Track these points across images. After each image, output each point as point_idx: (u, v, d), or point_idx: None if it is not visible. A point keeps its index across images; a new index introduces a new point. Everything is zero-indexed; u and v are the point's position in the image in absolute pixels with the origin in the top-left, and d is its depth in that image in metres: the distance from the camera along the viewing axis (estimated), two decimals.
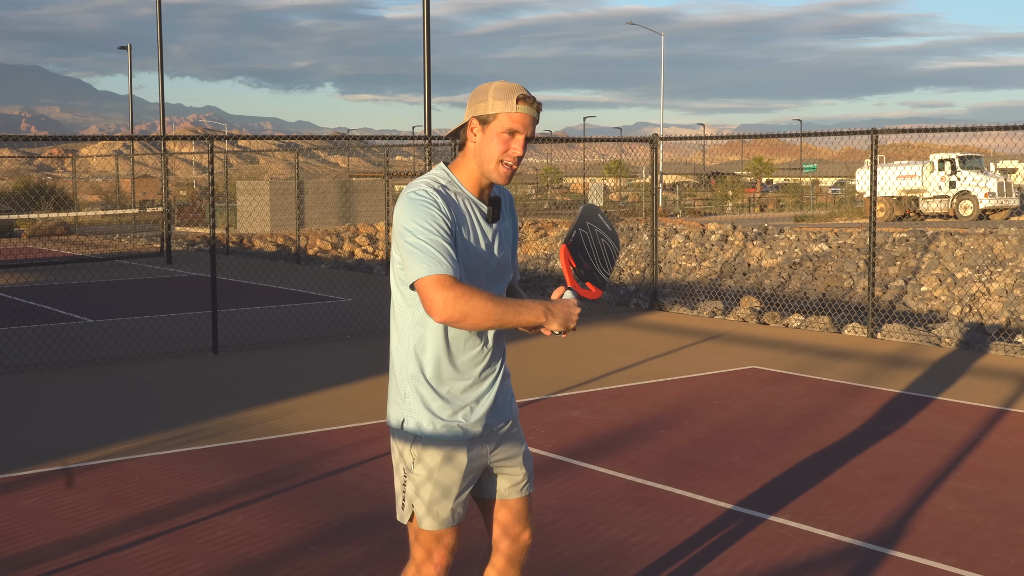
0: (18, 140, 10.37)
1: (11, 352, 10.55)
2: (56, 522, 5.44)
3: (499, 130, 3.06)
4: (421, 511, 3.14)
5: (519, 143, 3.08)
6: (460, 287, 2.92)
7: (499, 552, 3.35)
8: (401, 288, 3.11)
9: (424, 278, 2.93)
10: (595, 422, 7.58)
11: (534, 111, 3.09)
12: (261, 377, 9.49)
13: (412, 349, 3.12)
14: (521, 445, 3.33)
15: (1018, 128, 10.79)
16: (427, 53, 22.20)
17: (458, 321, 2.93)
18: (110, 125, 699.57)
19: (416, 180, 3.12)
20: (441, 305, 2.91)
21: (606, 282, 3.19)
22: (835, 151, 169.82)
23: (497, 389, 3.20)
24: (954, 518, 5.44)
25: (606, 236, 3.25)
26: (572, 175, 64.70)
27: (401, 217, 3.01)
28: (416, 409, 3.11)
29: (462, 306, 2.91)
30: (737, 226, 22.48)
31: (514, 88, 3.10)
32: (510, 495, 3.31)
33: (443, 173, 3.13)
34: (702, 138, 14.43)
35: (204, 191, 46.85)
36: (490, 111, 3.07)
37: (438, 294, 2.91)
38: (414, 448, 3.12)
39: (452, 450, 3.12)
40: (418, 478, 3.12)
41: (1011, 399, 8.33)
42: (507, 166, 3.08)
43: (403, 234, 2.99)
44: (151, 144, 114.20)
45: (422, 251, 2.94)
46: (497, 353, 3.22)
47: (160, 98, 28.88)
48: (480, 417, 3.14)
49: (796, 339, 11.41)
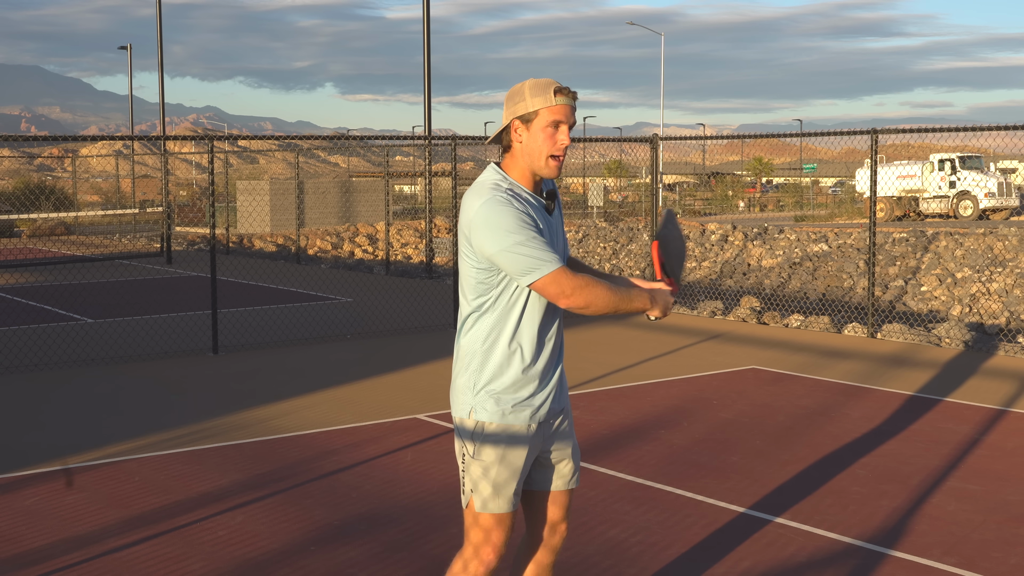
0: (18, 140, 10.37)
1: (11, 352, 10.55)
2: (56, 522, 5.44)
3: (543, 124, 3.16)
4: (486, 494, 3.25)
5: (564, 133, 3.19)
6: (580, 276, 3.13)
7: (540, 543, 3.48)
8: (477, 281, 3.20)
9: (547, 275, 3.08)
10: (595, 422, 7.57)
11: (572, 100, 3.20)
12: (261, 377, 9.49)
13: (484, 341, 3.23)
14: (572, 439, 3.46)
15: (1018, 128, 10.78)
16: (427, 53, 22.21)
17: (583, 308, 3.13)
18: (110, 125, 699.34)
19: (480, 184, 3.19)
20: (571, 293, 3.10)
21: (680, 280, 3.43)
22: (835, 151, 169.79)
23: (558, 379, 3.34)
24: (954, 518, 5.44)
25: (680, 240, 3.47)
26: (572, 175, 64.73)
27: (491, 219, 3.09)
28: (483, 399, 3.22)
29: (588, 294, 3.12)
30: (737, 226, 22.49)
31: (549, 83, 3.19)
32: (557, 487, 3.43)
33: (499, 176, 3.22)
34: (702, 138, 14.43)
35: (204, 191, 46.85)
36: (531, 108, 3.17)
37: (567, 284, 3.10)
38: (480, 436, 3.23)
39: (516, 439, 3.24)
40: (483, 465, 3.23)
41: (1011, 399, 8.33)
42: (556, 159, 3.20)
43: (502, 237, 3.08)
44: (151, 144, 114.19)
45: (534, 248, 3.08)
46: (559, 345, 3.36)
47: (160, 98, 28.88)
48: (544, 407, 3.27)
49: (796, 339, 11.41)
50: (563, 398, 3.37)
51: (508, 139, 3.22)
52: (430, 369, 9.69)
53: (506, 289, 3.20)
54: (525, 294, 3.21)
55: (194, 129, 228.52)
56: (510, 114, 3.20)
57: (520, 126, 3.18)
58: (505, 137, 3.22)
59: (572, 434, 3.45)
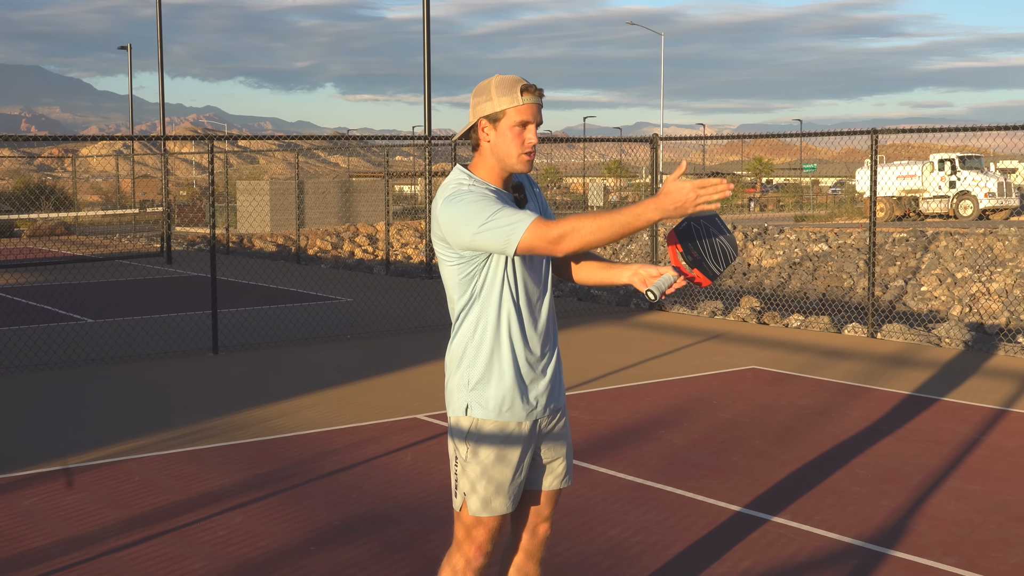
0: (18, 140, 10.37)
1: (11, 352, 10.54)
2: (56, 522, 5.44)
3: (511, 124, 3.12)
4: (486, 495, 3.20)
5: (532, 132, 3.14)
6: (558, 220, 3.00)
7: (525, 542, 3.41)
8: (459, 279, 3.17)
9: (526, 230, 2.98)
10: (595, 422, 7.57)
11: (538, 98, 3.15)
12: (261, 377, 9.48)
13: (472, 338, 3.19)
14: (567, 437, 3.40)
15: (1018, 128, 10.78)
16: (427, 53, 22.20)
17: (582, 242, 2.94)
18: (110, 125, 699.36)
19: (445, 185, 3.17)
20: (559, 235, 2.95)
21: (717, 276, 3.26)
22: (835, 151, 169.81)
23: (552, 376, 3.28)
24: (954, 518, 5.44)
25: (723, 238, 3.29)
26: (572, 175, 64.70)
27: (456, 210, 3.05)
28: (477, 396, 3.19)
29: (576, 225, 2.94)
30: (737, 226, 22.48)
31: (515, 81, 3.14)
32: (550, 486, 3.38)
33: (464, 176, 3.18)
34: (702, 138, 14.43)
35: (204, 191, 46.85)
36: (497, 108, 3.12)
37: (552, 229, 2.96)
38: (476, 436, 3.19)
39: (513, 437, 3.20)
40: (481, 465, 3.19)
41: (1011, 399, 8.33)
42: (527, 155, 3.15)
43: (471, 220, 3.02)
44: (151, 144, 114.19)
45: (504, 216, 3.01)
46: (551, 340, 3.30)
47: (160, 98, 28.88)
48: (539, 404, 3.23)
49: (796, 339, 11.41)
50: (559, 395, 3.33)
51: (476, 137, 3.18)
52: (430, 369, 9.69)
53: (488, 282, 3.15)
54: (510, 287, 3.16)
55: (194, 129, 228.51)
56: (477, 113, 3.15)
57: (488, 125, 3.14)
58: (473, 135, 3.19)
59: (567, 433, 3.41)
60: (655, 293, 3.19)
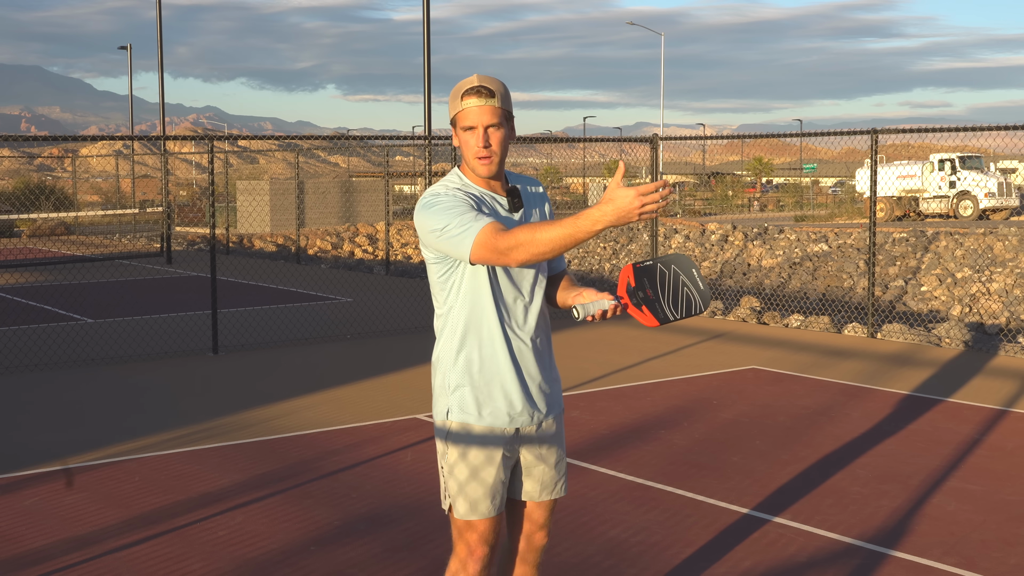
0: (18, 140, 10.37)
1: (11, 352, 10.54)
2: (56, 522, 5.44)
3: (461, 129, 3.12)
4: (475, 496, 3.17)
5: (478, 137, 3.08)
6: (511, 231, 2.89)
7: (519, 551, 3.38)
8: (437, 278, 3.17)
9: (475, 239, 2.92)
10: (595, 422, 7.57)
11: (484, 99, 3.07)
12: (261, 377, 9.48)
13: (453, 339, 3.19)
14: (560, 445, 3.35)
15: (1018, 128, 10.78)
16: (427, 53, 22.20)
17: (529, 252, 2.85)
18: (110, 125, 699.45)
19: (431, 187, 3.17)
20: (507, 246, 2.87)
21: (668, 320, 3.03)
22: (835, 151, 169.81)
23: (540, 381, 3.23)
24: (954, 518, 5.43)
25: (691, 287, 3.11)
26: (572, 175, 64.71)
27: (425, 221, 3.06)
28: (459, 399, 3.17)
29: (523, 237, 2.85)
30: (737, 226, 22.49)
31: (462, 84, 3.13)
32: (540, 498, 3.33)
33: (455, 177, 3.19)
34: (702, 138, 14.43)
35: (204, 191, 46.83)
36: (451, 114, 3.15)
37: (501, 240, 2.88)
38: (462, 438, 3.17)
39: (497, 440, 3.17)
40: (470, 467, 3.16)
41: (1012, 399, 8.33)
42: (484, 159, 3.10)
43: (434, 231, 3.02)
44: (151, 144, 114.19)
45: (459, 223, 2.96)
46: (542, 343, 3.24)
47: (160, 98, 28.89)
48: (524, 408, 3.19)
49: (796, 339, 11.41)
50: (549, 404, 3.26)
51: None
52: (430, 369, 9.68)
53: (467, 285, 3.14)
54: (492, 291, 3.13)
55: (194, 129, 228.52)
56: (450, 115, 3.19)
57: (454, 130, 3.17)
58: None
59: (559, 443, 3.34)
60: (579, 312, 3.05)
